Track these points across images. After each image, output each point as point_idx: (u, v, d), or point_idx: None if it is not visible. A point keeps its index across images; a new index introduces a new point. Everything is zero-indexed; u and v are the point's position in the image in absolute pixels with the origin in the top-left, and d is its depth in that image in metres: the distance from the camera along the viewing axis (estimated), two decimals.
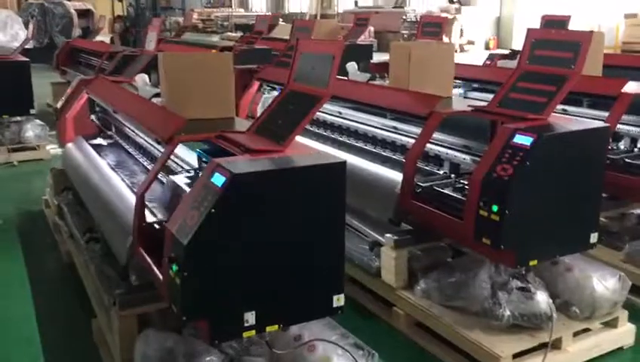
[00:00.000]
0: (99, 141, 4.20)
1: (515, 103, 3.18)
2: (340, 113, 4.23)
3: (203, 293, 2.05)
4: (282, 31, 11.15)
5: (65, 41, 9.89)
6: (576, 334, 2.85)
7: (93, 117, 4.53)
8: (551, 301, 2.80)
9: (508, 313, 2.74)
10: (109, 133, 4.37)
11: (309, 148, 2.44)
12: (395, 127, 3.76)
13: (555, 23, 6.14)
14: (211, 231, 2.02)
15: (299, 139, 4.21)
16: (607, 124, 2.88)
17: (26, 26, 15.65)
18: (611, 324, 2.95)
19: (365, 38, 21.83)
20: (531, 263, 2.78)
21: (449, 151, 3.38)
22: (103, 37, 17.65)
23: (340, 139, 4.19)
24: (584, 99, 4.03)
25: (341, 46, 2.42)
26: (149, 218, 2.66)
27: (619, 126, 3.79)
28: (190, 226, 2.03)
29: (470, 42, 20.03)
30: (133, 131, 3.82)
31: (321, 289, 2.29)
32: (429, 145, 3.46)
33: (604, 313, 2.91)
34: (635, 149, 3.76)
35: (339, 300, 2.32)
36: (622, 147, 3.85)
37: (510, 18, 20.84)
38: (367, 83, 4.12)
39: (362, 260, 3.40)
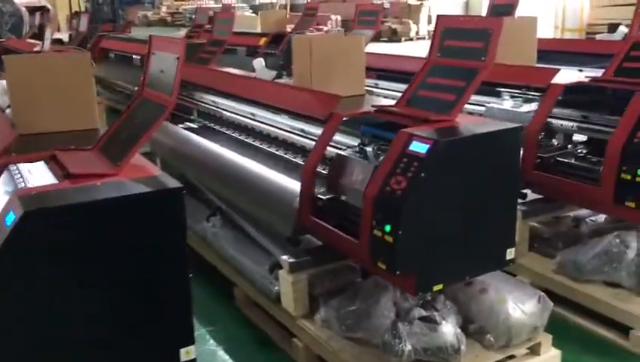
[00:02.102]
0: None
1: (423, 102, 2.80)
2: (254, 115, 3.83)
3: None
4: (240, 22, 10.68)
5: None
6: None
7: None
8: (459, 331, 2.43)
9: (409, 347, 2.37)
10: None
11: (149, 169, 2.02)
12: (303, 130, 3.37)
13: (502, 8, 5.77)
14: None
15: (210, 145, 3.86)
16: (520, 125, 2.51)
17: None
18: (534, 351, 2.60)
19: (332, 27, 21.38)
20: (436, 288, 2.40)
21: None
22: (63, 34, 16.98)
23: (250, 142, 3.80)
24: (514, 91, 3.66)
25: (184, 45, 2.01)
26: None
27: (552, 120, 3.45)
28: None
29: None
30: None
31: (163, 341, 1.89)
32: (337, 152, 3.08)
33: (523, 339, 2.55)
34: (569, 146, 3.40)
35: (188, 353, 1.93)
36: (555, 143, 3.49)
37: (478, 1, 20.46)
38: (268, 81, 3.70)
39: (263, 283, 3.01)
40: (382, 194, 2.34)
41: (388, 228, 2.28)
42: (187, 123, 4.49)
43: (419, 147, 2.32)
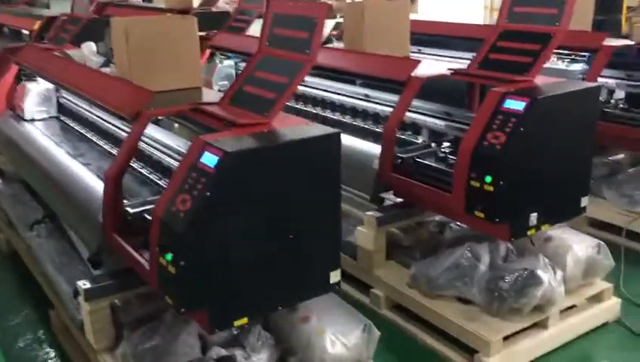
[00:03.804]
0: None
1: (245, 100, 2.42)
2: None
3: None
4: None
5: None
6: None
7: None
8: None
9: None
10: None
11: None
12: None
13: None
14: None
15: (40, 140, 3.35)
16: (338, 130, 2.15)
17: None
18: None
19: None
20: (237, 323, 2.05)
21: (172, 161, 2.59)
22: None
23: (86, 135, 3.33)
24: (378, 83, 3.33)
25: None
26: None
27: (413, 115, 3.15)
28: None
29: None
30: None
31: None
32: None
33: None
34: (433, 145, 3.10)
35: None
36: (420, 142, 3.19)
37: None
38: (89, 70, 3.21)
39: (71, 308, 2.60)
40: (168, 215, 1.95)
41: (169, 256, 1.91)
42: None
43: (209, 160, 1.94)
